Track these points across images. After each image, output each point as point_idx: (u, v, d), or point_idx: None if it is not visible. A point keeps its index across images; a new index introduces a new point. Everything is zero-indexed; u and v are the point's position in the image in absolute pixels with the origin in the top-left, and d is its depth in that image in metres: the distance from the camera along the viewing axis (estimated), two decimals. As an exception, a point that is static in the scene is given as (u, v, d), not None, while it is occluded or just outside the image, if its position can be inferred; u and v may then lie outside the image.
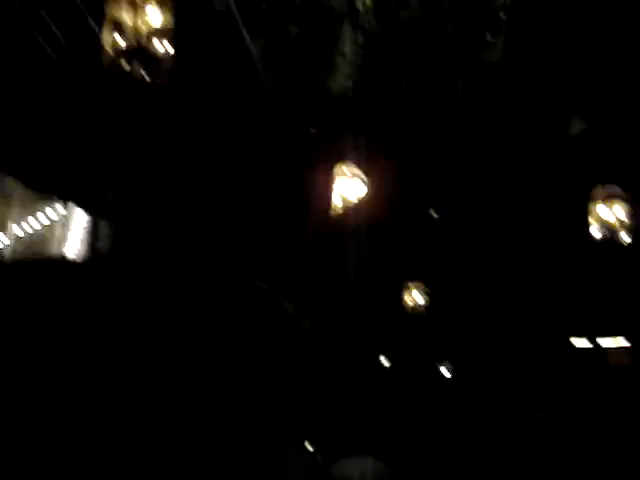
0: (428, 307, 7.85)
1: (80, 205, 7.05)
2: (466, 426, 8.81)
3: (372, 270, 7.69)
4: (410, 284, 7.79)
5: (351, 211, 5.03)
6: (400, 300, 7.74)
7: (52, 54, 5.33)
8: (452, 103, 6.50)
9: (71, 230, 7.22)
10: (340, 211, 5.09)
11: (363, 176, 4.98)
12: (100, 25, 4.83)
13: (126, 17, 2.82)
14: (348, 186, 4.96)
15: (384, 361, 10.64)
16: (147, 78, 3.14)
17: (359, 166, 5.07)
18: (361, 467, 6.21)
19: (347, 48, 6.38)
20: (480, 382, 9.86)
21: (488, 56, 6.21)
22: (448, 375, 10.83)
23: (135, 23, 2.82)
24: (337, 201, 5.09)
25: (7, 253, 7.90)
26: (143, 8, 2.78)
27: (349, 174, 4.97)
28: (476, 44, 6.27)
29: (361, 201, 4.97)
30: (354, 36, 6.36)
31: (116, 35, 2.90)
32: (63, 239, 7.30)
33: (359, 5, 6.19)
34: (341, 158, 5.12)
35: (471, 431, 8.60)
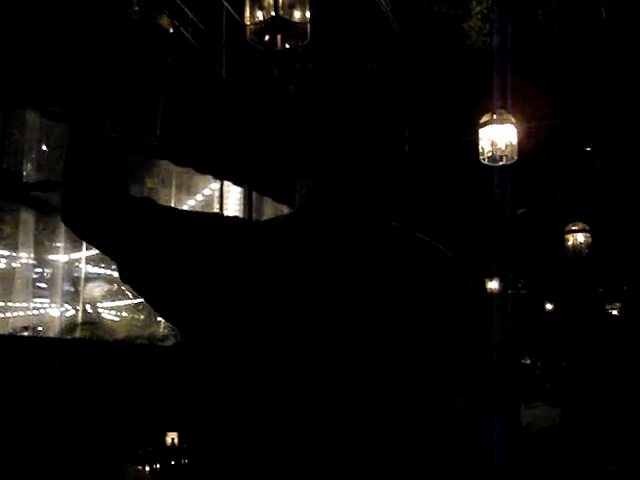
0: (591, 247, 7.57)
1: (235, 181, 7.28)
2: (637, 367, 8.46)
3: (531, 214, 7.49)
4: (571, 225, 7.55)
5: (502, 156, 4.91)
6: (562, 242, 7.51)
7: (191, 39, 5.48)
8: (596, 31, 6.15)
9: (226, 205, 7.48)
10: (489, 157, 4.98)
11: (513, 120, 4.82)
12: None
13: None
14: (497, 131, 4.83)
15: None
16: (288, 46, 3.16)
17: (507, 109, 4.91)
18: (536, 414, 6.14)
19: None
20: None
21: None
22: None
23: (272, -6, 2.83)
24: (486, 146, 4.98)
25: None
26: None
27: (498, 119, 4.83)
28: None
29: (512, 145, 4.82)
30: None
31: (255, 9, 2.93)
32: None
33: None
34: (488, 103, 4.98)
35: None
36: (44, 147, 6.88)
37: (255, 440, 1.24)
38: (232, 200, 7.67)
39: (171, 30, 1.22)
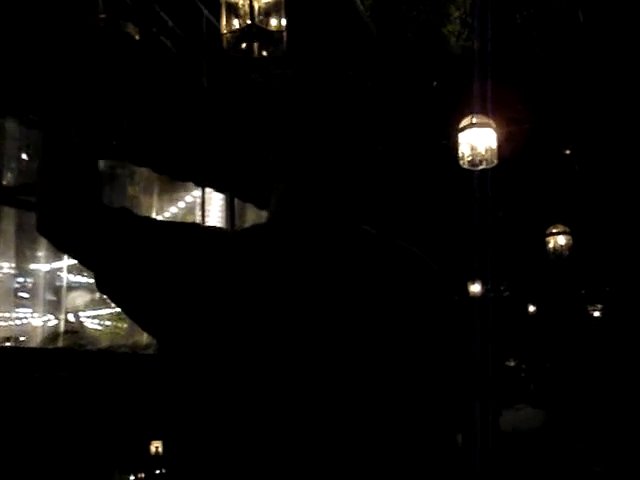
0: (572, 249, 7.62)
1: (216, 188, 7.26)
2: (620, 368, 8.52)
3: (511, 217, 7.52)
4: (551, 227, 7.59)
5: (482, 160, 4.93)
6: (543, 245, 7.55)
7: (171, 47, 5.47)
8: (574, 35, 6.20)
9: (208, 212, 7.46)
10: (467, 160, 5.01)
11: (493, 124, 4.85)
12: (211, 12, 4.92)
13: (239, -2, 2.85)
14: (477, 135, 4.85)
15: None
16: (265, 54, 3.17)
17: (487, 113, 4.94)
18: (520, 416, 6.17)
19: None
20: (632, 322, 9.47)
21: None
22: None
23: (248, 3, 2.84)
24: (466, 151, 5.00)
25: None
26: (255, -14, 2.80)
27: (478, 123, 4.86)
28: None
29: (492, 149, 4.85)
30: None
31: (232, 17, 2.93)
32: (202, 221, 7.54)
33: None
34: (468, 107, 5.00)
35: (625, 373, 8.30)
36: (24, 156, 6.84)
37: (236, 449, 1.24)
38: (214, 207, 7.66)
39: (137, 37, 1.23)
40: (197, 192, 7.56)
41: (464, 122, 4.97)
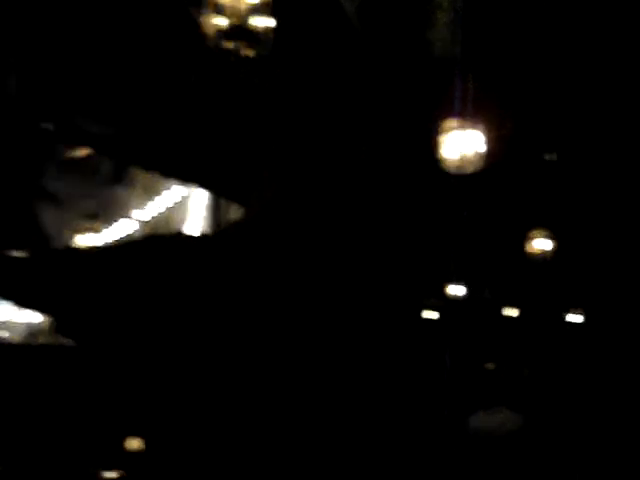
0: (555, 254, 7.65)
1: (202, 184, 7.27)
2: (603, 375, 8.57)
3: (492, 221, 7.55)
4: (533, 231, 7.61)
5: (465, 164, 4.95)
6: (524, 249, 7.58)
7: (162, 41, 5.49)
8: (557, 41, 6.27)
9: (192, 209, 7.47)
10: (453, 165, 5.02)
11: (476, 127, 4.87)
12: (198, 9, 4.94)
13: (225, -3, 2.86)
14: (463, 139, 4.86)
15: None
16: (250, 54, 3.18)
17: (471, 117, 4.96)
18: (499, 419, 6.19)
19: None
20: (616, 329, 9.54)
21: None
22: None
23: (234, 2, 2.85)
24: (449, 155, 5.01)
25: (134, 237, 8.26)
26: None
27: (461, 126, 4.88)
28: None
29: (475, 153, 4.87)
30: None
31: (216, 16, 2.94)
32: (185, 219, 7.55)
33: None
34: (451, 110, 5.02)
35: (608, 381, 8.35)
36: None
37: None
38: (198, 203, 7.68)
39: None
40: (181, 189, 7.56)
41: (449, 125, 4.96)
